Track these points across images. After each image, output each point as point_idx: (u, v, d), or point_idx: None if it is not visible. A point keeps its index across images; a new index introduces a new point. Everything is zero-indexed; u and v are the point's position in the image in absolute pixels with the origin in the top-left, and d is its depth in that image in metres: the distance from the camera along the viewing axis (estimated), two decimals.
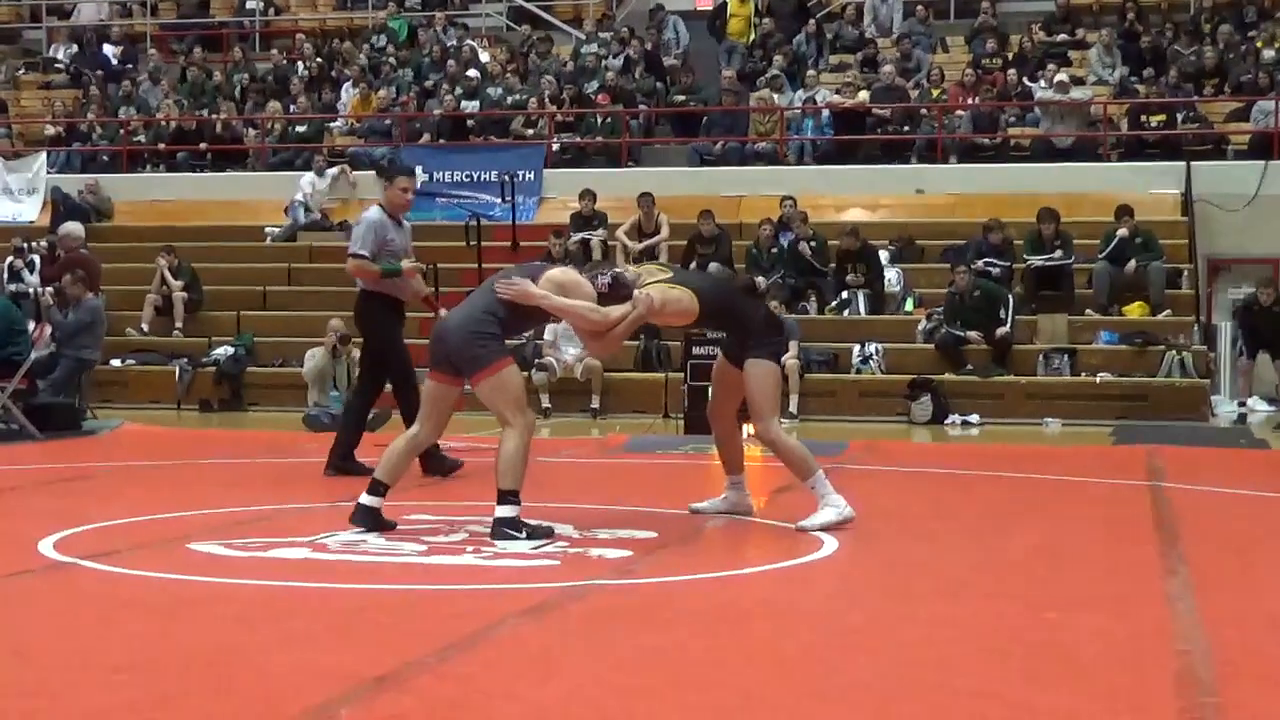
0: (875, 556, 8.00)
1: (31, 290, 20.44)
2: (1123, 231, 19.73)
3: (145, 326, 21.40)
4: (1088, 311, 19.69)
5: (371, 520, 8.38)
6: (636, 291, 8.47)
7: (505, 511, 8.09)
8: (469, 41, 27.31)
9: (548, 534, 8.14)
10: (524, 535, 8.03)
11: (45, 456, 13.18)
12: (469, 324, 8.26)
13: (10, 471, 11.99)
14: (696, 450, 13.67)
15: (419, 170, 24.20)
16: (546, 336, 18.45)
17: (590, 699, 4.88)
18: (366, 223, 11.32)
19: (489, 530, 8.13)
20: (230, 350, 20.39)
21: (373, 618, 6.19)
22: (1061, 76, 23.06)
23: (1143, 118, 22.91)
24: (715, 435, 9.37)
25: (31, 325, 16.89)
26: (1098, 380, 18.35)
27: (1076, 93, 23.14)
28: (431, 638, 5.68)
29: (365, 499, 8.44)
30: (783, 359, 9.81)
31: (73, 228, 19.75)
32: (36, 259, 21.28)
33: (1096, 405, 18.03)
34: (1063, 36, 25.52)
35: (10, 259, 21.54)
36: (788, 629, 6.17)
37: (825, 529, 8.43)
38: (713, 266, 19.70)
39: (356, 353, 16.85)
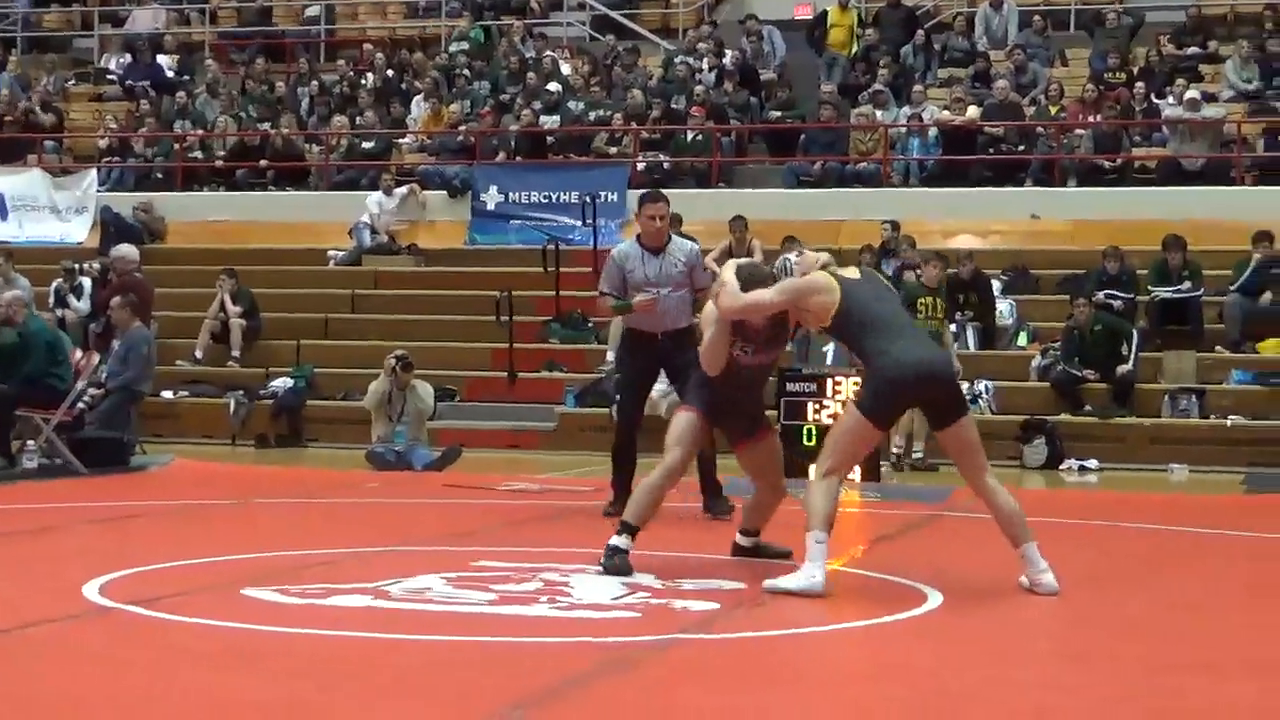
0: (983, 613, 7.92)
1: (79, 316, 20.69)
2: (1258, 259, 19.49)
3: (199, 354, 21.43)
4: (1218, 348, 19.43)
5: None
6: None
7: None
8: (549, 53, 27.40)
9: None
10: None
11: (90, 494, 13.27)
12: None
13: (53, 510, 12.10)
14: (793, 495, 13.56)
15: (493, 190, 24.34)
16: None
17: None
18: (610, 257, 11.94)
19: (564, 578, 8.20)
20: (289, 382, 20.42)
21: (439, 673, 6.18)
22: (1192, 93, 22.87)
23: None
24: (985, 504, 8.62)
25: (78, 353, 17.03)
26: (1229, 423, 18.12)
27: (1208, 110, 22.93)
28: (502, 695, 5.66)
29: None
30: None
31: (127, 250, 19.95)
32: (86, 282, 21.45)
33: (1227, 450, 17.76)
34: (1193, 49, 25.31)
35: (57, 282, 21.71)
36: (885, 691, 6.10)
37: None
38: None
39: (417, 383, 16.85)
